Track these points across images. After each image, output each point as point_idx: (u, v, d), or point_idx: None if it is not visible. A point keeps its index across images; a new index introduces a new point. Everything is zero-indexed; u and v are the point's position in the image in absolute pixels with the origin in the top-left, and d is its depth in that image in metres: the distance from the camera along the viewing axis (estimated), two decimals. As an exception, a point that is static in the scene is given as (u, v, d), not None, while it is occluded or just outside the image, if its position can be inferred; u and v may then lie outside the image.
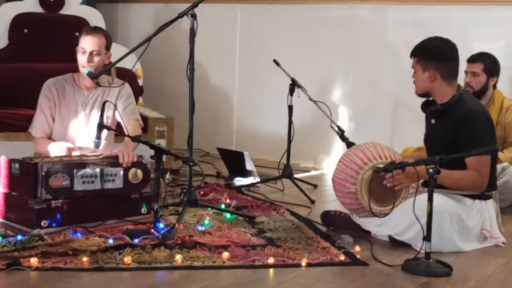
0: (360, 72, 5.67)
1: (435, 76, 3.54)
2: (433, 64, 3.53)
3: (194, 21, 3.76)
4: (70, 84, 3.93)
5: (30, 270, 2.87)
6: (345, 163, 3.59)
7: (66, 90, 3.92)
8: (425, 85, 3.57)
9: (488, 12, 5.16)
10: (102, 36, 3.86)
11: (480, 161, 3.43)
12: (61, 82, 3.94)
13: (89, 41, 3.81)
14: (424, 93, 3.63)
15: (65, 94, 3.91)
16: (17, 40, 5.61)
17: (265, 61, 5.37)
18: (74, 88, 3.93)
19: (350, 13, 5.69)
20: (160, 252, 3.15)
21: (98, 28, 3.95)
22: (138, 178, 3.64)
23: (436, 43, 3.59)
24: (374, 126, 5.57)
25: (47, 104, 3.89)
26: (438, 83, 3.55)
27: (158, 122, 5.23)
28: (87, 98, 3.92)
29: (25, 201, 3.36)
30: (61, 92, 3.91)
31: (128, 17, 6.86)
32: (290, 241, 3.44)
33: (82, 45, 3.82)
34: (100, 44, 3.83)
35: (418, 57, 3.58)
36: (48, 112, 3.90)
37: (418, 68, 3.58)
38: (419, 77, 3.58)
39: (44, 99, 3.91)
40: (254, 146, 6.00)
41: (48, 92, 3.90)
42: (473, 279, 3.06)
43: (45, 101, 3.90)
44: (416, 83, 3.62)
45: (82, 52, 3.82)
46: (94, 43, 3.81)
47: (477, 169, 3.44)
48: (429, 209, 3.08)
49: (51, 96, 3.90)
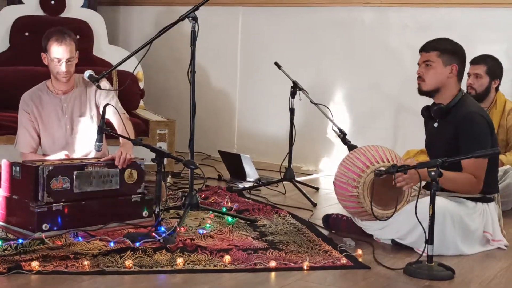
0: (362, 75, 5.66)
1: (455, 73, 3.53)
2: (457, 60, 3.53)
3: (195, 23, 3.76)
4: (46, 93, 3.93)
5: (31, 273, 2.86)
6: (347, 166, 3.58)
7: (43, 100, 3.92)
8: (441, 79, 3.53)
9: (491, 14, 5.15)
10: (72, 41, 3.83)
11: (477, 164, 3.42)
12: (36, 93, 3.93)
13: (63, 50, 3.78)
14: (433, 90, 3.56)
15: (43, 104, 3.91)
16: (18, 43, 5.61)
17: (267, 63, 5.37)
18: (50, 95, 3.93)
19: (352, 15, 5.68)
20: (161, 256, 3.14)
21: (66, 34, 3.84)
22: (133, 179, 3.66)
23: (456, 44, 3.59)
24: (376, 128, 5.56)
25: (27, 118, 3.90)
26: (453, 80, 3.54)
27: (159, 125, 5.22)
28: (66, 102, 3.91)
29: (26, 205, 3.36)
30: (39, 103, 3.91)
31: (129, 19, 6.86)
32: (292, 244, 3.43)
33: (56, 55, 3.79)
34: (72, 50, 3.81)
35: (441, 51, 3.53)
36: (30, 126, 3.90)
37: (438, 62, 3.53)
38: (438, 71, 3.53)
39: (23, 114, 3.90)
40: (256, 149, 6.00)
41: (26, 107, 3.90)
42: (475, 282, 3.05)
43: (25, 116, 3.90)
44: (427, 78, 3.55)
45: (58, 61, 3.79)
46: (68, 51, 3.78)
47: (474, 172, 3.43)
48: (431, 212, 3.07)
49: (29, 110, 3.90)
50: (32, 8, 5.74)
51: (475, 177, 3.43)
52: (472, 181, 3.44)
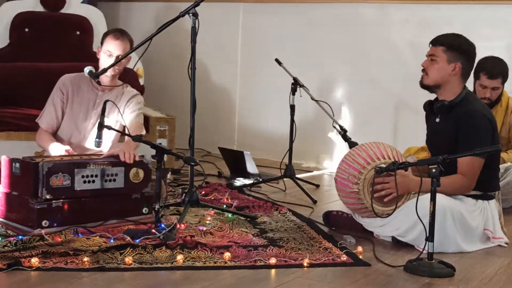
0: (363, 71, 5.65)
1: (458, 71, 3.52)
2: (462, 59, 3.51)
3: (196, 20, 3.75)
4: (86, 83, 4.00)
5: (31, 270, 2.86)
6: (348, 163, 3.57)
7: (81, 88, 3.99)
8: (442, 76, 3.52)
9: (492, 11, 5.14)
10: (128, 41, 3.97)
11: (472, 162, 3.41)
12: (77, 79, 4.01)
13: (117, 46, 3.90)
14: (434, 85, 3.55)
15: (80, 92, 3.98)
16: (17, 39, 5.60)
17: (267, 60, 5.36)
18: (90, 87, 4.00)
19: (353, 12, 5.67)
20: (161, 252, 3.14)
21: (125, 33, 4.01)
22: (139, 178, 3.63)
23: (466, 41, 3.56)
24: (377, 125, 5.56)
25: (60, 98, 3.97)
26: (455, 79, 3.53)
27: (159, 121, 5.22)
28: (101, 98, 3.94)
29: (26, 201, 3.35)
30: (76, 88, 3.98)
31: (129, 16, 6.85)
32: (292, 241, 3.43)
33: (109, 48, 3.90)
34: (125, 49, 3.92)
35: (447, 47, 3.51)
36: (59, 105, 3.97)
37: (442, 58, 3.51)
38: (440, 67, 3.52)
39: (57, 92, 3.98)
40: (256, 146, 5.99)
41: (63, 86, 3.98)
42: (476, 280, 3.05)
43: (58, 94, 3.97)
44: (430, 72, 3.54)
45: (109, 55, 3.90)
46: (121, 48, 3.91)
47: (466, 172, 3.43)
48: (431, 210, 3.07)
49: (65, 90, 3.97)
50: (32, 3, 5.72)
51: (467, 177, 3.43)
52: (463, 182, 3.44)
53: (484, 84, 4.36)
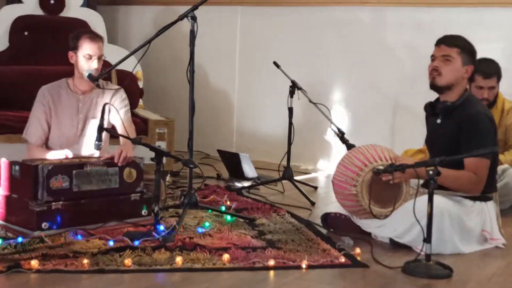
0: (360, 74, 5.67)
1: (469, 74, 3.55)
2: (472, 62, 3.55)
3: (194, 23, 3.76)
4: (65, 89, 3.97)
5: (31, 272, 2.87)
6: (345, 165, 3.59)
7: (61, 96, 3.96)
8: (456, 77, 3.52)
9: (488, 13, 5.15)
10: (101, 40, 3.96)
11: (479, 163, 3.42)
12: (55, 88, 3.98)
13: (96, 47, 3.89)
14: (447, 85, 3.53)
15: (60, 99, 3.95)
16: (17, 42, 5.62)
17: (265, 63, 5.37)
18: (69, 93, 3.97)
19: (350, 15, 5.69)
20: (160, 254, 3.14)
21: (95, 32, 4.03)
22: (132, 177, 3.67)
23: (472, 44, 3.60)
24: (374, 128, 5.57)
25: (42, 110, 3.93)
26: (464, 81, 3.56)
27: (158, 124, 5.23)
28: (83, 102, 3.94)
29: (25, 203, 3.36)
30: (57, 97, 3.95)
31: (128, 19, 6.87)
32: (291, 243, 3.44)
33: (88, 51, 3.88)
34: (102, 48, 3.93)
35: (461, 50, 3.52)
36: (43, 118, 3.93)
37: (457, 60, 3.51)
38: (455, 68, 3.52)
39: (39, 105, 3.94)
40: (255, 148, 6.01)
41: (43, 98, 3.94)
42: (473, 281, 3.06)
43: (40, 107, 3.93)
44: (444, 72, 3.51)
45: (88, 58, 3.87)
46: (101, 48, 3.92)
47: (475, 171, 3.44)
48: (429, 211, 3.08)
49: (45, 101, 3.93)
50: (31, 7, 5.74)
51: (476, 176, 3.44)
52: (473, 180, 3.44)
53: (480, 84, 4.38)
